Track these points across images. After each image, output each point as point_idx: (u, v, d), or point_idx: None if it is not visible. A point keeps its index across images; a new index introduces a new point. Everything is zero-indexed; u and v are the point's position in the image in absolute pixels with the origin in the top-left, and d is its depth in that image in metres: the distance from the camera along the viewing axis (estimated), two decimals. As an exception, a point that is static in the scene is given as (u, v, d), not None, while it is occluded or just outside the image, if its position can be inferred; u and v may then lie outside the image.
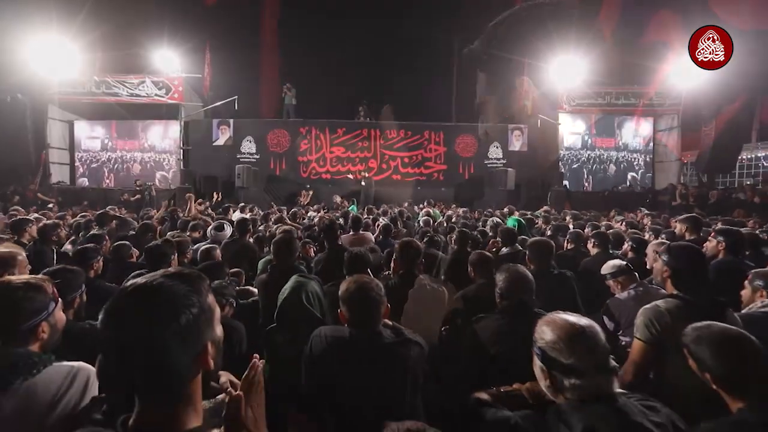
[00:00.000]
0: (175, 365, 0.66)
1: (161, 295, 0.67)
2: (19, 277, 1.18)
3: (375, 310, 1.37)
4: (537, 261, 2.59)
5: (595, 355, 0.94)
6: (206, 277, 0.75)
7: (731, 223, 5.31)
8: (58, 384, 1.03)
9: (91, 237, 3.34)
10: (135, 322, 0.65)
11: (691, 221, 3.84)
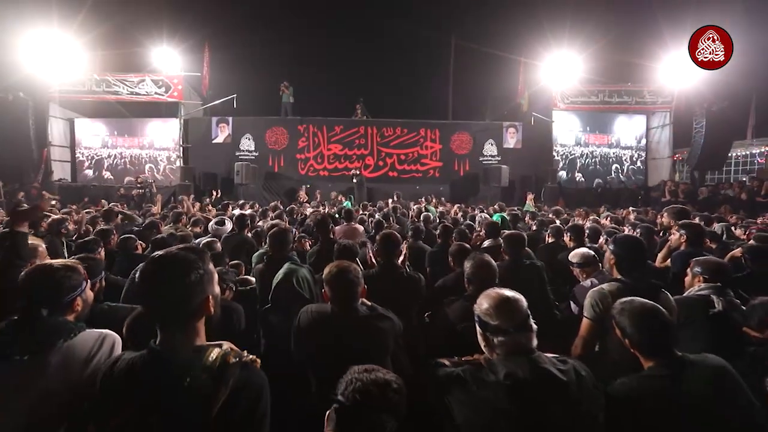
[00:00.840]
0: (187, 307, 0.98)
1: (178, 260, 0.98)
2: (59, 261, 1.42)
3: (352, 290, 1.61)
4: (510, 252, 2.84)
5: (516, 318, 1.19)
6: (208, 251, 1.03)
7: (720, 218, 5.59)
8: (90, 345, 1.28)
9: (99, 232, 3.58)
10: (161, 277, 0.96)
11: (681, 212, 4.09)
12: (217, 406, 0.89)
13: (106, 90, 13.22)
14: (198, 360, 0.95)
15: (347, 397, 0.94)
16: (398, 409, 0.95)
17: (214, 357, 0.96)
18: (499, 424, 1.06)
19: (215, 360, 0.95)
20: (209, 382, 0.92)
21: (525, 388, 1.09)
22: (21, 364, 1.17)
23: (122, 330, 1.49)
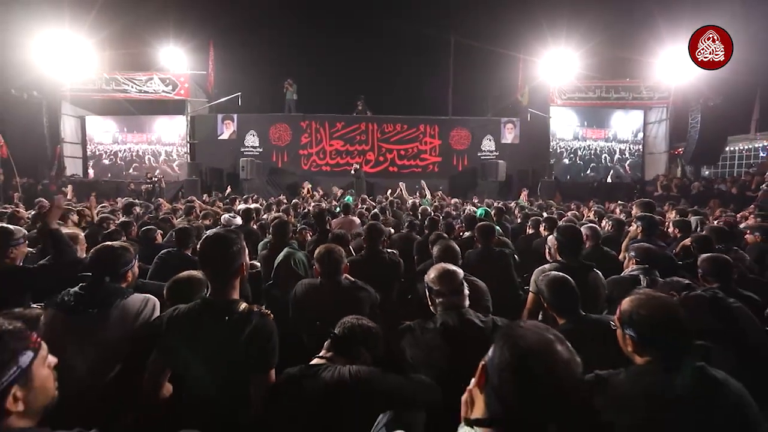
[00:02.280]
0: (230, 269, 1.43)
1: (225, 236, 1.45)
2: (117, 242, 1.86)
3: (337, 266, 2.05)
4: (482, 241, 3.24)
5: (452, 285, 1.60)
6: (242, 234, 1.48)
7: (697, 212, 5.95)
8: (139, 304, 1.71)
9: (121, 224, 4.03)
10: (214, 248, 1.43)
11: (646, 205, 4.48)
12: (244, 335, 1.33)
13: (116, 88, 13.69)
14: (235, 306, 1.39)
15: (340, 331, 1.38)
16: (374, 346, 1.39)
17: (244, 306, 1.41)
18: (434, 356, 1.47)
19: (244, 308, 1.40)
20: (240, 320, 1.35)
21: (454, 331, 1.50)
22: (92, 316, 1.61)
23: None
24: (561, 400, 0.70)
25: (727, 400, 1.05)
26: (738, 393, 1.07)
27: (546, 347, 0.72)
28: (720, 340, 1.76)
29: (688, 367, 1.09)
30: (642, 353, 1.17)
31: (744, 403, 1.05)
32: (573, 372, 0.72)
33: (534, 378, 0.69)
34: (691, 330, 1.16)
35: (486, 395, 0.75)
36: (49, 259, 2.41)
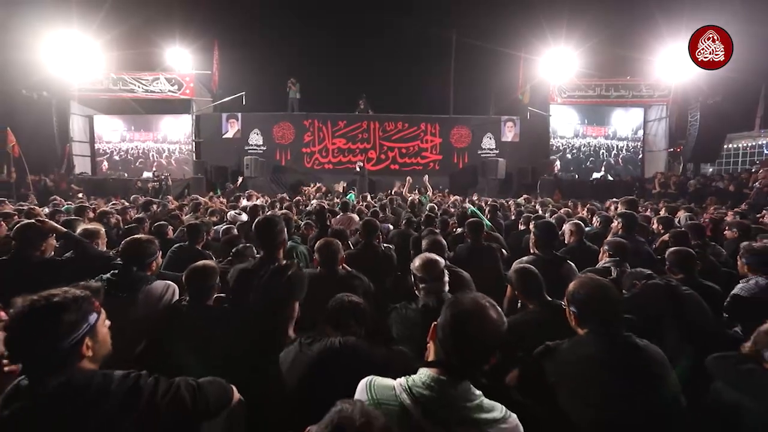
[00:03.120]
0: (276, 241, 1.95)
1: (275, 220, 1.88)
2: (144, 236, 2.12)
3: (334, 256, 2.30)
4: (472, 236, 3.48)
5: (433, 272, 1.84)
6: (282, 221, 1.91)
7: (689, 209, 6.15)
8: (161, 290, 1.97)
9: (136, 220, 4.30)
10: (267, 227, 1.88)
11: (629, 202, 4.70)
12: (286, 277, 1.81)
13: (123, 88, 13.98)
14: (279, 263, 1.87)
15: (332, 305, 1.63)
16: (362, 319, 1.63)
17: (285, 262, 1.92)
18: (415, 332, 1.72)
19: (285, 264, 1.90)
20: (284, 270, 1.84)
21: (433, 312, 1.74)
22: (122, 299, 1.87)
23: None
24: (486, 350, 0.95)
25: (643, 360, 1.29)
26: (653, 355, 1.31)
27: (478, 311, 0.97)
28: (669, 321, 2.00)
29: (616, 336, 1.34)
30: (582, 326, 1.42)
31: (656, 362, 1.30)
32: (498, 330, 0.97)
33: (465, 333, 0.95)
34: (621, 307, 1.40)
35: (435, 345, 1.00)
36: (72, 252, 2.68)
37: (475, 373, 0.98)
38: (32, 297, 0.97)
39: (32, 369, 0.97)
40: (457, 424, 0.93)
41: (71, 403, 0.93)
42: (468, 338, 0.96)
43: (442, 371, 0.97)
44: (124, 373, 1.02)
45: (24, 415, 0.91)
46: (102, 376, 0.99)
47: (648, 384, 1.26)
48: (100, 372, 1.02)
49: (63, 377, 0.95)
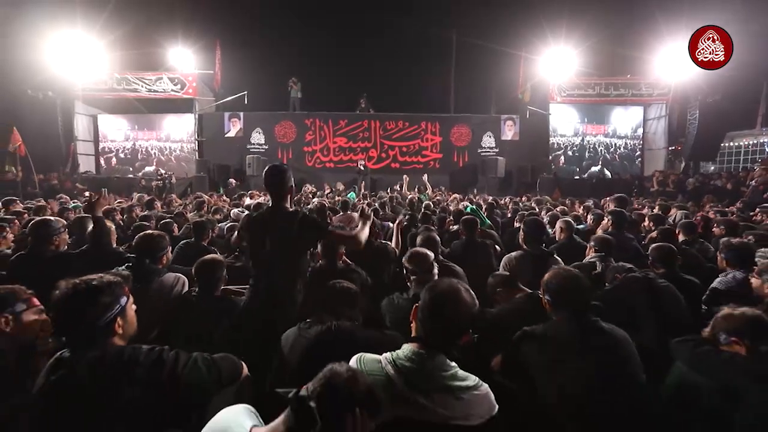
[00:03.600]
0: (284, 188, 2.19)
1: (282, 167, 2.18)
2: (156, 232, 2.28)
3: (334, 251, 2.45)
4: (466, 233, 3.62)
5: (423, 265, 1.99)
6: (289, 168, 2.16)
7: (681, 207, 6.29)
8: (172, 281, 2.13)
9: (143, 217, 4.45)
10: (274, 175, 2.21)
11: (619, 200, 4.84)
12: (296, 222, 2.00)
13: (126, 88, 14.13)
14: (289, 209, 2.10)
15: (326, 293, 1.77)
16: (353, 303, 1.78)
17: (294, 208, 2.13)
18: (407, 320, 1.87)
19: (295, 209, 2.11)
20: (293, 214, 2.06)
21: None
22: (136, 290, 2.01)
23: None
24: (459, 328, 1.11)
25: (609, 342, 1.44)
26: (618, 338, 1.45)
27: (453, 294, 1.12)
28: (646, 312, 2.14)
29: (584, 320, 1.48)
30: (555, 312, 1.56)
31: (620, 344, 1.44)
32: (470, 311, 1.12)
33: (441, 313, 1.10)
34: (589, 295, 1.54)
35: (416, 324, 1.15)
36: (87, 246, 2.83)
37: (450, 347, 1.13)
38: (74, 281, 1.12)
39: (73, 342, 1.12)
40: (434, 391, 1.08)
41: (106, 372, 1.08)
42: (443, 318, 1.11)
43: (421, 346, 1.12)
44: (150, 348, 1.17)
45: (66, 382, 1.07)
46: (131, 350, 1.15)
47: (612, 362, 1.41)
48: (130, 346, 1.18)
49: (98, 350, 1.11)
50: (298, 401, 0.78)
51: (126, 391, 1.07)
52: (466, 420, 1.07)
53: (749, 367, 1.33)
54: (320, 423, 0.74)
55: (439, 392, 1.08)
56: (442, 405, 1.07)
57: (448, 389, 1.08)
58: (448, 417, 1.06)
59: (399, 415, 1.07)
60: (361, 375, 0.87)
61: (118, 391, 1.07)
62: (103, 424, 1.06)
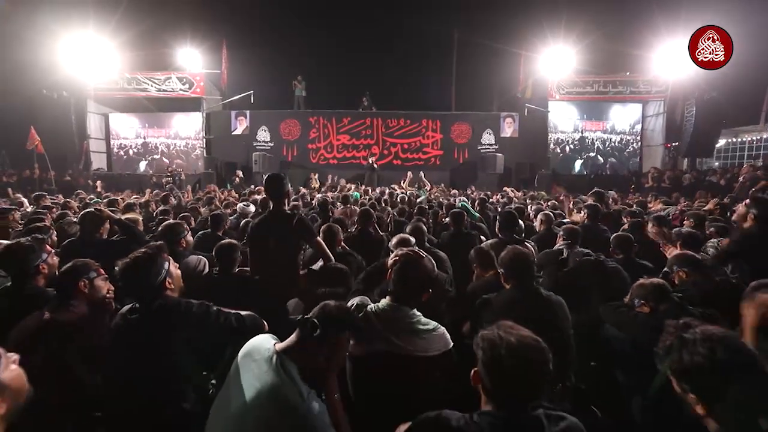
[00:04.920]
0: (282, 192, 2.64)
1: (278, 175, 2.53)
2: (175, 221, 2.71)
3: (334, 237, 2.87)
4: (454, 225, 4.02)
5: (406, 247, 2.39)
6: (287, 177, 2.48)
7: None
8: (195, 262, 2.56)
9: (161, 212, 4.89)
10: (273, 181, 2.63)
11: (596, 194, 5.20)
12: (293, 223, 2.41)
13: (137, 87, 14.60)
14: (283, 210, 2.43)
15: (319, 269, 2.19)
16: (346, 283, 2.19)
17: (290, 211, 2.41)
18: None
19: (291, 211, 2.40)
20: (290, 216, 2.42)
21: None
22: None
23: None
24: (420, 286, 1.51)
25: (546, 305, 1.84)
26: (554, 302, 1.86)
27: (416, 260, 1.53)
28: (596, 290, 2.54)
29: (529, 288, 1.88)
30: (507, 282, 1.97)
31: (555, 305, 1.85)
32: (428, 274, 1.53)
33: (405, 275, 1.51)
34: (533, 268, 1.94)
35: (390, 284, 1.57)
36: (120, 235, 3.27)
37: (414, 302, 1.54)
38: (134, 254, 1.55)
39: (140, 296, 1.55)
40: (402, 332, 1.49)
41: (168, 316, 1.51)
42: (407, 278, 1.52)
43: (393, 300, 1.54)
44: (200, 302, 1.59)
45: (141, 322, 1.50)
46: (185, 302, 1.57)
47: (547, 319, 1.81)
48: (183, 299, 1.60)
49: (159, 301, 1.53)
50: (304, 320, 1.20)
51: (182, 329, 1.50)
52: (426, 352, 1.48)
53: (649, 322, 1.72)
54: (319, 330, 1.16)
55: (406, 333, 1.49)
56: (409, 342, 1.48)
57: (413, 331, 1.50)
58: (412, 350, 1.47)
59: (378, 348, 1.48)
60: (345, 306, 1.28)
61: (176, 329, 1.49)
62: (165, 351, 1.50)
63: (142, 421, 1.43)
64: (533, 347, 1.02)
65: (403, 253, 1.61)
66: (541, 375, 1.02)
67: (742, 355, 0.96)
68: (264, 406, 1.14)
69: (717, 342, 0.96)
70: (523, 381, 1.01)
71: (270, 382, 1.17)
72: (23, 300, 1.82)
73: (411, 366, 1.45)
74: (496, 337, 1.04)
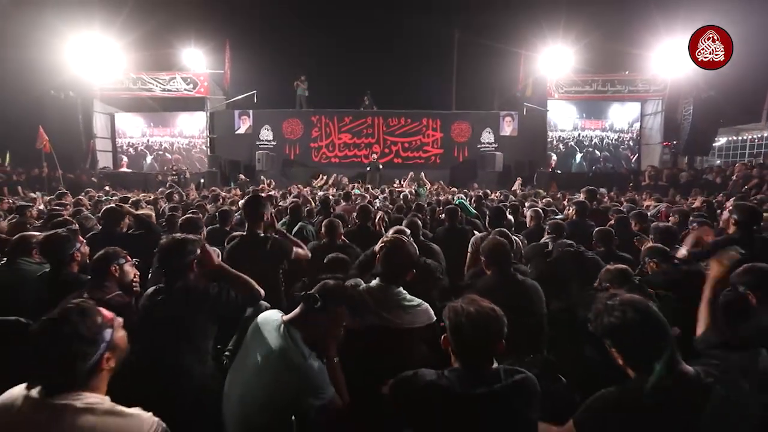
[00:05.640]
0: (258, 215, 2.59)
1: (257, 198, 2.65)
2: (192, 215, 2.95)
3: (335, 231, 3.12)
4: (448, 220, 4.25)
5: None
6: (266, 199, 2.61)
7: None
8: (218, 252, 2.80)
9: (171, 208, 5.14)
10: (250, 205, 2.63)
11: (588, 192, 5.42)
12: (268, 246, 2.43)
13: (142, 87, 14.86)
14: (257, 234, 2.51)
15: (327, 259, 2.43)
16: (346, 270, 2.43)
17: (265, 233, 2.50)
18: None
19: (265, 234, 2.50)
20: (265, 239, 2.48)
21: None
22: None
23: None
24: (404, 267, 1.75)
25: (522, 289, 2.08)
26: (529, 286, 2.09)
27: (400, 244, 1.77)
28: (575, 276, 2.77)
29: (507, 274, 2.12)
30: (488, 268, 2.20)
31: (530, 289, 2.08)
32: (411, 256, 1.77)
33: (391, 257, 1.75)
34: (510, 255, 2.18)
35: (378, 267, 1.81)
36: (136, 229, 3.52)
37: (399, 280, 1.78)
38: (171, 235, 1.79)
39: (169, 275, 1.79)
40: (391, 308, 1.73)
41: (190, 296, 1.75)
42: (392, 260, 1.76)
43: (382, 280, 1.78)
44: (215, 284, 1.83)
45: (165, 301, 1.75)
46: (204, 284, 1.81)
47: (524, 303, 2.05)
48: (203, 283, 1.84)
49: (183, 282, 1.78)
50: (308, 295, 1.44)
51: (201, 307, 1.75)
52: (412, 325, 1.72)
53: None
54: (320, 303, 1.40)
55: (394, 309, 1.73)
56: (397, 316, 1.72)
57: (400, 306, 1.74)
58: (400, 323, 1.71)
59: (371, 322, 1.72)
60: (342, 284, 1.53)
61: (197, 307, 1.74)
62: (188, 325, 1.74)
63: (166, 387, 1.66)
64: (489, 316, 1.24)
65: (389, 239, 1.85)
66: (496, 339, 1.24)
67: (645, 313, 1.20)
68: (273, 365, 1.39)
69: (628, 305, 1.20)
70: (481, 343, 1.24)
71: (278, 346, 1.41)
72: (61, 284, 2.07)
73: (399, 337, 1.69)
74: (459, 308, 1.27)
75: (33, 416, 1.02)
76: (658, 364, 1.12)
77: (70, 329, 1.06)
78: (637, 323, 1.18)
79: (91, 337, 1.08)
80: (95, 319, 1.11)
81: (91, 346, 1.08)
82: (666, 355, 1.13)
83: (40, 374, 1.07)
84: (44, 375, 1.06)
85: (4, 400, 1.07)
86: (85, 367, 1.07)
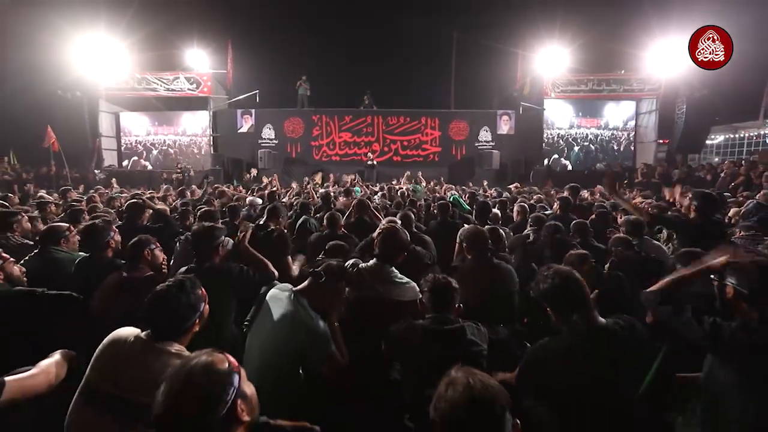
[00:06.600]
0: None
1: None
2: (210, 208, 3.29)
3: (336, 222, 3.45)
4: (440, 214, 4.58)
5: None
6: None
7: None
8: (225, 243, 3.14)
9: (183, 203, 5.48)
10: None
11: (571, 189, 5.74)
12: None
13: (146, 87, 15.18)
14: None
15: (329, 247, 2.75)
16: (345, 256, 2.76)
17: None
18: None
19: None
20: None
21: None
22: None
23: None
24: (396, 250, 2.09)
25: (497, 272, 2.41)
26: (504, 270, 2.42)
27: (393, 231, 2.10)
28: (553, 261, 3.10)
29: (485, 259, 2.45)
30: (469, 254, 2.53)
31: (504, 272, 2.41)
32: (403, 241, 2.11)
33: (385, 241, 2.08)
34: (487, 241, 2.51)
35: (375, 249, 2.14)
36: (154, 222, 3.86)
37: (392, 261, 2.11)
38: (202, 224, 2.12)
39: (199, 256, 2.13)
40: (384, 283, 2.07)
41: (214, 275, 2.08)
42: (387, 243, 2.09)
43: (378, 259, 2.11)
44: (236, 265, 2.16)
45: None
46: (228, 265, 2.14)
47: (498, 282, 2.38)
48: (226, 263, 2.18)
49: (210, 263, 2.11)
50: (314, 271, 1.78)
51: (227, 284, 2.08)
52: (401, 298, 2.06)
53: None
54: (324, 278, 1.74)
55: (387, 283, 2.07)
56: (389, 291, 2.06)
57: (392, 282, 2.07)
58: (391, 296, 2.05)
59: (367, 294, 2.05)
60: (342, 264, 1.87)
61: (223, 284, 2.08)
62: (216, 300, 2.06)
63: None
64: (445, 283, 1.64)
65: (385, 226, 2.18)
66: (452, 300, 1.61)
67: (566, 278, 1.54)
68: (287, 324, 1.72)
69: (557, 274, 1.54)
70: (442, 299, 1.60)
71: (290, 310, 1.75)
72: (99, 267, 2.40)
73: (390, 307, 2.03)
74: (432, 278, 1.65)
75: (140, 351, 1.39)
76: (575, 316, 1.47)
77: (185, 298, 1.46)
78: (559, 286, 1.52)
79: (196, 305, 1.49)
80: (198, 292, 1.53)
81: (193, 312, 1.48)
82: (584, 309, 1.47)
83: (156, 324, 1.43)
84: (157, 325, 1.43)
85: (119, 335, 1.45)
86: (184, 326, 1.46)
